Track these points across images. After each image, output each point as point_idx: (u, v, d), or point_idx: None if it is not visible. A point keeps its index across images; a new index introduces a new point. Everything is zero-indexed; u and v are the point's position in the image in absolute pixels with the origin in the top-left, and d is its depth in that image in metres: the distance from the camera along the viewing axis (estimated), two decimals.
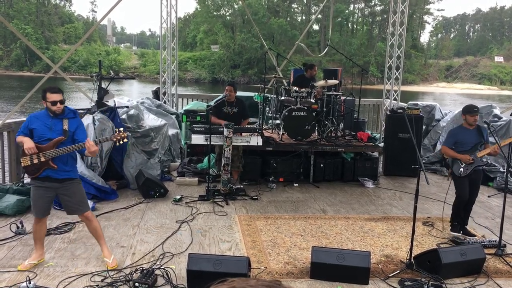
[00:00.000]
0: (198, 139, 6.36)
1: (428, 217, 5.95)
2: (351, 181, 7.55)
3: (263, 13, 56.16)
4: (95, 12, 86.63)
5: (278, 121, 7.72)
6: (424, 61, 63.75)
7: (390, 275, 4.21)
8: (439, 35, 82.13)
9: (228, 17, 59.94)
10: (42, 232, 4.24)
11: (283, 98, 7.57)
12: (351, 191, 7.11)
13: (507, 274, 4.38)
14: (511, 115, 8.27)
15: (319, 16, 53.50)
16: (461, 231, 5.31)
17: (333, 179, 7.54)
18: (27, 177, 6.38)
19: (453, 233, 5.28)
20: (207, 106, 8.21)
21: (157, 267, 4.08)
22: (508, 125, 8.05)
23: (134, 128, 6.87)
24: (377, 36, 61.66)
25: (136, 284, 3.76)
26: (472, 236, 5.25)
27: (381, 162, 8.27)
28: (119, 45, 78.86)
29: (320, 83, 7.99)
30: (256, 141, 6.52)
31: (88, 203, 4.35)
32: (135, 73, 54.36)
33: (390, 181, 7.81)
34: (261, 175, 7.38)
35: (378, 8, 63.56)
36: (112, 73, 9.91)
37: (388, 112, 8.69)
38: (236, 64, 54.82)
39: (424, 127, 8.87)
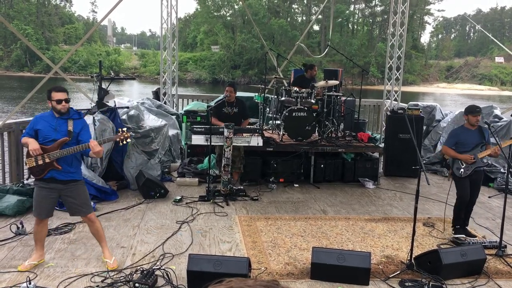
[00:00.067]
0: (199, 140, 6.36)
1: (429, 218, 5.95)
2: (352, 182, 7.54)
3: (264, 14, 56.19)
4: (96, 13, 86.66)
5: (279, 122, 7.72)
6: (425, 62, 63.76)
7: (391, 276, 4.20)
8: (440, 36, 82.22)
9: (229, 18, 59.98)
10: (43, 233, 4.24)
11: (284, 99, 7.57)
12: (352, 192, 7.11)
13: (508, 275, 4.37)
14: None
15: (320, 17, 53.53)
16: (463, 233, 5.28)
17: (334, 180, 7.54)
18: (27, 178, 6.41)
19: (457, 235, 5.19)
20: (208, 107, 8.20)
21: (157, 268, 4.08)
22: (509, 126, 8.05)
23: (134, 129, 6.87)
24: (378, 37, 61.69)
25: (137, 285, 3.76)
26: (473, 237, 5.24)
27: (382, 163, 8.26)
28: (120, 46, 78.94)
29: (321, 84, 7.99)
30: (257, 142, 6.51)
31: (91, 205, 4.34)
32: (135, 74, 54.39)
33: (391, 182, 7.80)
34: (262, 176, 7.38)
35: (379, 9, 63.64)
36: (113, 74, 9.91)
37: (389, 113, 8.68)
38: (237, 65, 54.86)
39: (425, 128, 8.87)
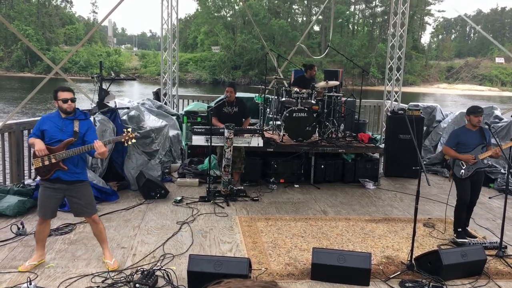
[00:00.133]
0: (199, 140, 6.36)
1: (429, 218, 5.95)
2: (352, 182, 7.55)
3: (264, 14, 56.20)
4: (96, 14, 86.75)
5: (279, 122, 7.73)
6: (425, 62, 63.75)
7: (391, 277, 4.20)
8: (440, 36, 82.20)
9: (229, 18, 60.01)
10: (45, 233, 4.25)
11: (284, 99, 7.58)
12: (352, 192, 7.11)
13: (508, 276, 4.37)
14: None
15: (320, 17, 53.52)
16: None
17: (334, 180, 7.54)
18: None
19: (460, 240, 5.10)
20: (208, 107, 8.21)
21: (158, 268, 4.08)
22: (509, 127, 8.04)
23: (135, 129, 6.87)
24: (378, 37, 61.70)
25: (137, 285, 3.76)
26: (473, 238, 5.23)
27: (382, 163, 8.26)
28: (120, 46, 79.03)
29: (321, 84, 8.00)
30: (257, 142, 6.51)
31: (96, 206, 4.34)
32: (136, 74, 54.44)
33: (391, 182, 7.80)
34: (262, 176, 7.38)
35: (379, 9, 63.66)
36: (113, 74, 9.93)
37: (389, 113, 8.68)
38: (237, 65, 54.87)
39: (425, 128, 8.87)
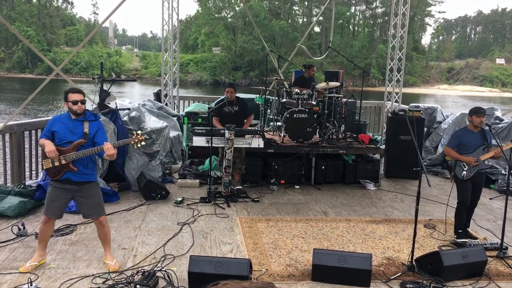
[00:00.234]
0: (200, 141, 6.36)
1: (430, 220, 5.94)
2: (353, 183, 7.54)
3: (265, 15, 56.24)
4: (97, 15, 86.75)
5: (280, 123, 7.73)
6: (426, 63, 63.75)
7: (392, 278, 4.20)
8: (441, 37, 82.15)
9: (230, 19, 60.05)
10: (49, 234, 4.26)
11: (285, 100, 7.58)
12: (353, 193, 7.11)
13: (509, 277, 4.37)
14: None
15: (320, 18, 53.54)
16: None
17: (335, 181, 7.54)
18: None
19: (460, 240, 5.11)
20: (209, 108, 8.22)
21: (159, 269, 4.08)
22: (510, 128, 8.03)
23: (136, 130, 6.87)
24: (378, 38, 61.71)
25: (138, 286, 3.76)
26: (474, 239, 5.23)
27: (383, 164, 8.26)
28: (121, 47, 79.13)
29: (321, 85, 8.01)
30: (258, 143, 6.51)
31: (104, 208, 4.35)
32: (137, 75, 54.51)
33: (392, 183, 7.80)
34: (263, 177, 7.38)
35: (379, 10, 63.65)
36: (114, 75, 9.94)
37: (390, 114, 8.68)
38: (238, 66, 54.90)
39: (426, 129, 8.87)
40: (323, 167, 7.47)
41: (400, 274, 4.25)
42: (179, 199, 6.26)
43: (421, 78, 60.29)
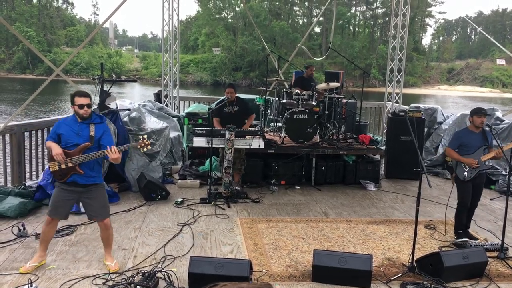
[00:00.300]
0: (200, 142, 6.36)
1: (430, 220, 5.94)
2: (353, 184, 7.54)
3: (265, 16, 56.27)
4: (97, 15, 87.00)
5: (280, 124, 7.73)
6: (426, 64, 63.78)
7: (392, 279, 4.20)
8: (441, 38, 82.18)
9: (230, 20, 60.10)
10: (51, 234, 4.26)
11: (285, 101, 7.58)
12: (353, 194, 7.10)
13: (509, 278, 4.36)
14: None
15: (321, 19, 53.57)
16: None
17: (335, 182, 7.54)
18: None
19: (460, 240, 5.13)
20: (209, 109, 8.22)
21: (159, 270, 4.08)
22: (510, 128, 8.04)
23: (136, 131, 6.88)
24: (379, 39, 61.73)
25: (138, 287, 3.76)
26: (475, 239, 5.22)
27: (383, 165, 8.26)
28: (121, 48, 79.14)
29: (322, 86, 8.01)
30: (258, 144, 6.51)
31: (109, 210, 4.35)
32: (137, 76, 54.53)
33: (392, 184, 7.80)
34: (263, 178, 7.38)
35: (380, 11, 63.68)
36: (114, 76, 9.94)
37: (390, 115, 8.68)
38: (238, 67, 54.92)
39: (426, 130, 8.86)
40: (324, 168, 7.47)
41: (401, 275, 4.25)
42: (180, 200, 6.25)
43: (422, 79, 60.29)
